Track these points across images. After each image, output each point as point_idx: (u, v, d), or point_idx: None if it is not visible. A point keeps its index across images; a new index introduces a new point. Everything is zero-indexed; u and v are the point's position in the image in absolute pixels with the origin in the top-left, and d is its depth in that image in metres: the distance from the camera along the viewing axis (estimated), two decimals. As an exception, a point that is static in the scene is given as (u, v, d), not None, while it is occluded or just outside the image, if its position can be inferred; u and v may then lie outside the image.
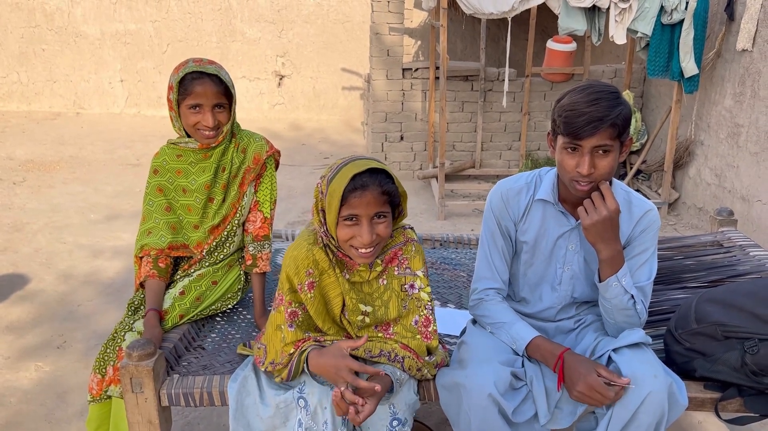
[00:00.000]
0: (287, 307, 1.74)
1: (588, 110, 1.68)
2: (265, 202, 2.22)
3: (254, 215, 2.22)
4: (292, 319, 1.74)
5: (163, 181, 2.20)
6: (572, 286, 1.97)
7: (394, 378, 1.70)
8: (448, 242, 3.10)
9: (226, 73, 2.10)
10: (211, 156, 2.17)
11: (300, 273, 1.71)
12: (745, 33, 4.52)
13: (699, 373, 1.86)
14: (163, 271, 2.18)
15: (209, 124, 2.07)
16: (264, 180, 2.23)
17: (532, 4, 4.81)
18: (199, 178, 2.17)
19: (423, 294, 1.81)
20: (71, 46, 9.72)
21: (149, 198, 2.21)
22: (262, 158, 2.19)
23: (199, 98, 2.04)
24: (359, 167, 1.60)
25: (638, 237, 1.90)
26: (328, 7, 9.32)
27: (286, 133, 8.74)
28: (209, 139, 2.12)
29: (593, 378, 1.65)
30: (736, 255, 2.75)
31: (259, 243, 2.20)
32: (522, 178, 1.99)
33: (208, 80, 2.04)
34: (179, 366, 1.97)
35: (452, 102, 6.33)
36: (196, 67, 2.04)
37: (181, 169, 2.18)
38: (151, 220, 2.20)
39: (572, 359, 1.72)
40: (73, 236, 4.84)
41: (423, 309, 1.81)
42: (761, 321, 1.77)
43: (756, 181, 4.42)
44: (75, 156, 7.31)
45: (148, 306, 2.07)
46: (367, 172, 1.61)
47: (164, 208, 2.21)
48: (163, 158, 2.20)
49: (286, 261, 1.73)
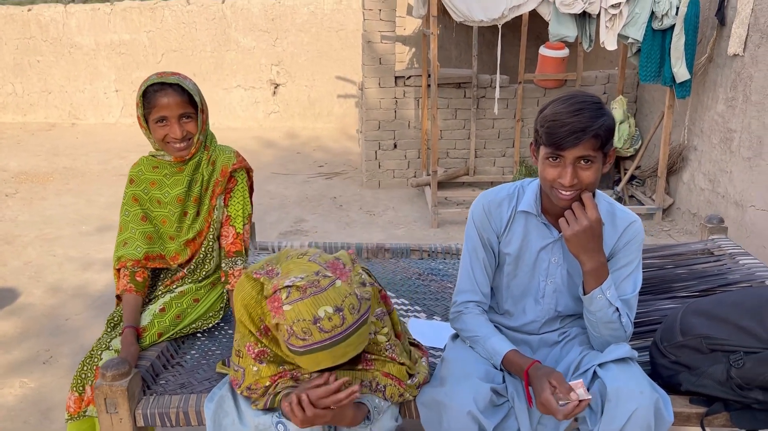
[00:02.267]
0: (252, 348, 1.68)
1: (570, 120, 1.66)
2: (237, 216, 2.18)
3: (226, 230, 2.18)
4: (261, 357, 1.68)
5: (138, 190, 2.18)
6: (555, 299, 1.94)
7: (371, 407, 1.66)
8: (436, 253, 3.07)
9: (190, 83, 2.07)
10: (185, 169, 2.14)
11: (254, 321, 1.64)
12: (736, 38, 4.50)
13: (684, 387, 1.83)
14: (141, 285, 2.15)
15: (177, 135, 2.04)
16: (235, 194, 2.19)
17: (522, 11, 4.80)
18: (173, 190, 2.15)
19: (380, 337, 1.74)
20: (66, 56, 9.72)
21: (125, 208, 2.20)
22: (228, 171, 2.16)
23: (164, 110, 2.02)
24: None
25: (622, 250, 1.87)
26: (322, 16, 9.32)
27: (281, 142, 8.73)
28: (181, 151, 2.09)
29: (545, 396, 1.62)
30: (726, 264, 2.72)
31: (230, 259, 2.17)
32: (504, 190, 1.96)
33: (171, 90, 2.01)
34: (156, 385, 1.94)
35: (445, 109, 6.31)
36: (157, 79, 2.02)
37: (155, 181, 2.16)
38: (128, 230, 2.18)
39: (534, 374, 1.70)
40: (64, 248, 4.81)
41: (384, 351, 1.75)
42: (746, 333, 1.74)
43: (749, 186, 4.39)
44: (69, 167, 7.29)
45: (125, 323, 2.04)
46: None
47: (140, 218, 2.19)
48: (140, 168, 2.19)
49: (237, 307, 1.66)
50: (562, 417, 1.60)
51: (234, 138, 8.82)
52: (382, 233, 5.21)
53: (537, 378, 1.67)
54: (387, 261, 3.02)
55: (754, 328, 1.73)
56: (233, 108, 9.74)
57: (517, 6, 4.74)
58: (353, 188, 6.52)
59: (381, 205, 5.98)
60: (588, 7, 4.65)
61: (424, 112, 6.15)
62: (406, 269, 2.93)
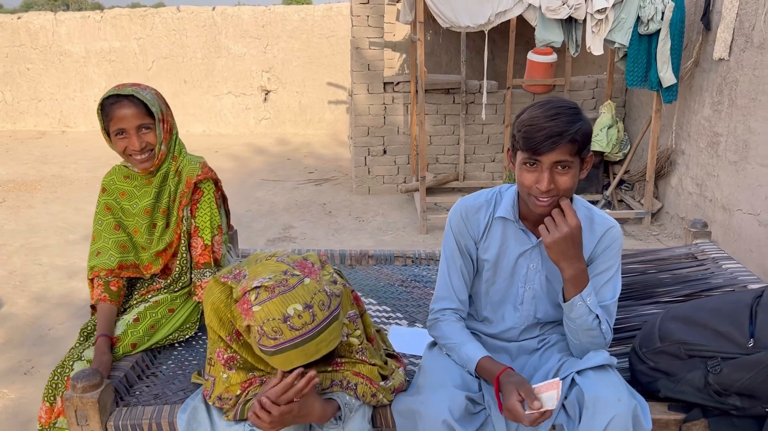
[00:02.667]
0: (222, 354, 1.66)
1: (547, 125, 1.64)
2: (205, 228, 2.16)
3: (195, 241, 2.16)
4: (230, 364, 1.67)
5: (110, 200, 2.17)
6: (534, 306, 1.92)
7: (341, 403, 1.64)
8: (420, 259, 3.05)
9: (148, 93, 2.05)
10: (153, 180, 2.13)
11: (225, 325, 1.63)
12: (722, 42, 4.51)
13: (663, 394, 1.81)
14: (115, 295, 2.13)
15: (136, 147, 2.03)
16: (201, 205, 2.16)
17: (508, 16, 4.80)
18: (141, 202, 2.14)
19: (353, 339, 1.73)
20: (56, 64, 9.71)
21: (98, 217, 2.18)
22: (192, 181, 2.14)
23: (121, 122, 2.00)
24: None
25: (601, 255, 1.85)
26: (313, 22, 9.33)
27: (272, 148, 8.71)
28: (143, 162, 2.07)
29: (511, 403, 1.60)
30: (709, 268, 2.71)
31: (199, 270, 2.14)
32: (482, 195, 1.94)
33: (126, 102, 1.99)
34: (129, 396, 1.91)
35: (434, 115, 6.30)
36: (113, 92, 2.00)
37: (126, 191, 2.15)
38: (101, 240, 2.17)
39: (504, 381, 1.68)
40: (50, 257, 4.77)
41: (355, 353, 1.74)
42: (724, 338, 1.72)
43: (736, 190, 4.39)
44: (57, 175, 7.26)
45: (99, 331, 2.01)
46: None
47: (113, 227, 2.17)
48: (112, 177, 2.18)
49: (207, 312, 1.64)
50: (528, 424, 1.58)
51: (225, 144, 8.81)
52: (370, 239, 5.19)
53: (506, 384, 1.66)
54: (370, 268, 3.00)
55: (731, 334, 1.71)
56: (224, 115, 9.72)
57: (503, 12, 4.75)
58: (343, 194, 6.50)
59: (370, 211, 5.97)
60: (574, 12, 4.65)
61: (413, 118, 6.15)
62: (389, 276, 2.91)
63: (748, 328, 1.70)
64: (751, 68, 4.21)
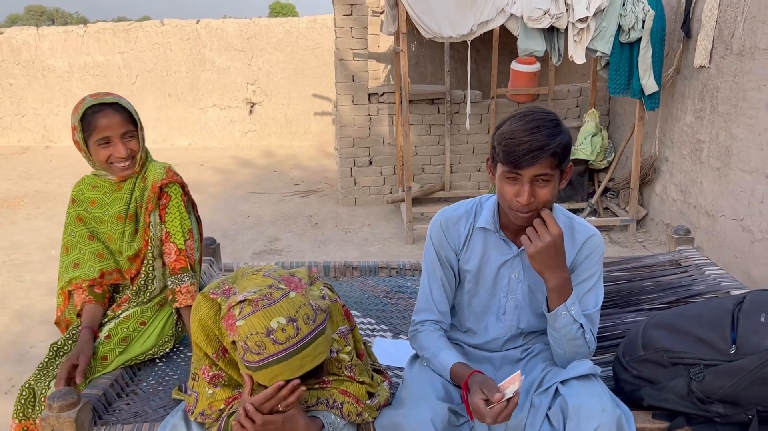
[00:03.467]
0: (207, 371, 1.64)
1: (528, 139, 1.63)
2: (176, 233, 2.13)
3: (168, 247, 2.14)
4: (216, 381, 1.65)
5: (81, 210, 2.15)
6: (517, 316, 1.91)
7: (326, 422, 1.62)
8: (405, 270, 3.04)
9: (126, 101, 2.06)
10: (123, 186, 2.12)
11: (212, 342, 1.61)
12: (702, 50, 4.56)
13: (647, 402, 1.80)
14: (100, 296, 2.13)
15: (122, 154, 2.01)
16: (170, 210, 2.15)
17: (490, 26, 4.82)
18: (112, 208, 2.13)
19: (342, 356, 1.71)
20: (39, 79, 9.65)
21: (70, 228, 2.15)
22: (157, 186, 2.12)
23: (105, 131, 1.99)
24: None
25: (582, 264, 1.84)
26: (297, 34, 9.34)
27: (257, 161, 8.69)
28: (126, 170, 2.07)
29: (474, 401, 1.58)
30: (692, 275, 2.71)
31: (176, 276, 2.12)
32: (462, 206, 1.93)
33: (110, 110, 1.99)
34: (108, 415, 1.88)
35: (419, 125, 6.31)
36: (94, 101, 1.99)
37: (95, 200, 2.13)
38: (76, 251, 2.14)
39: (471, 382, 1.66)
40: (32, 274, 4.72)
41: (344, 370, 1.72)
42: (706, 346, 1.72)
43: (719, 197, 4.42)
44: (41, 190, 7.19)
45: (84, 324, 2.01)
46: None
47: (87, 238, 2.15)
48: (80, 188, 2.17)
49: (194, 328, 1.62)
50: (491, 421, 1.55)
51: (210, 158, 8.77)
52: (356, 251, 5.17)
53: (471, 385, 1.64)
54: (355, 280, 2.98)
55: (713, 340, 1.71)
56: (209, 128, 9.69)
57: (485, 22, 4.77)
58: (329, 206, 6.49)
59: (357, 222, 5.95)
60: (555, 21, 4.68)
61: (398, 129, 6.15)
62: (374, 287, 2.89)
63: (730, 335, 1.70)
64: (732, 75, 4.25)
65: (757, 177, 3.97)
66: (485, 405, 1.56)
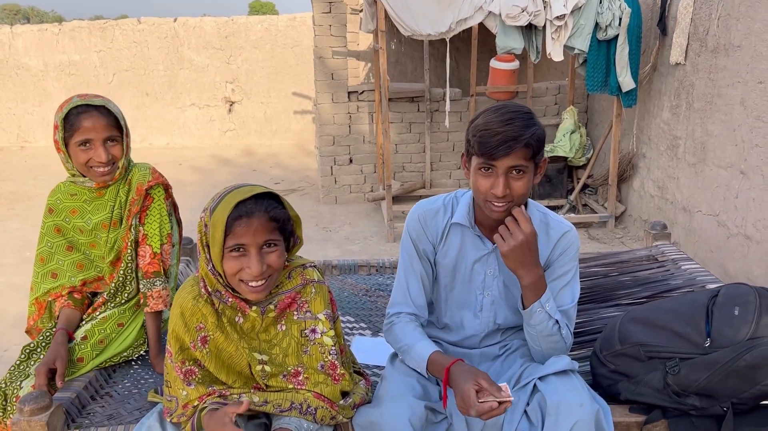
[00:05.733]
0: (180, 367, 1.62)
1: (502, 130, 1.64)
2: (154, 235, 2.10)
3: (143, 250, 2.10)
4: (189, 378, 1.63)
5: (59, 220, 2.09)
6: (494, 312, 1.91)
7: None
8: (384, 268, 3.03)
9: (114, 106, 2.01)
10: (105, 194, 2.06)
11: (191, 330, 1.59)
12: (677, 47, 4.60)
13: (624, 396, 1.82)
14: (79, 302, 2.10)
15: (102, 159, 1.96)
16: (151, 212, 2.11)
17: (468, 24, 4.83)
18: (95, 216, 2.07)
19: (326, 338, 1.69)
20: (13, 78, 9.50)
21: (46, 239, 2.10)
22: (143, 188, 2.09)
23: (88, 133, 1.93)
24: (243, 194, 1.50)
25: (558, 260, 1.85)
26: (276, 32, 9.29)
27: (237, 159, 8.63)
28: (104, 175, 2.00)
29: (467, 388, 1.54)
30: (669, 270, 2.74)
31: (149, 280, 2.08)
32: (439, 200, 1.93)
33: (96, 113, 1.93)
34: (81, 417, 1.84)
35: (399, 123, 6.31)
36: (81, 101, 1.94)
37: (76, 208, 2.07)
38: (53, 262, 2.09)
39: (457, 370, 1.63)
40: (6, 276, 4.64)
41: (327, 354, 1.69)
42: (682, 339, 1.73)
43: (695, 192, 4.47)
44: (15, 191, 7.08)
45: (59, 326, 1.98)
46: (252, 198, 1.51)
47: (65, 248, 2.10)
48: (57, 196, 2.09)
49: (173, 317, 1.61)
50: (476, 414, 1.53)
51: (189, 157, 8.70)
52: (337, 249, 5.16)
53: (459, 373, 1.61)
54: (334, 278, 2.97)
55: (688, 334, 1.72)
56: (188, 127, 9.61)
57: (463, 19, 4.77)
58: (310, 204, 6.46)
59: (337, 220, 5.93)
60: (533, 19, 4.70)
61: (379, 127, 6.14)
62: (353, 286, 2.88)
63: (705, 328, 1.71)
64: (707, 72, 4.29)
65: (732, 172, 4.02)
66: (476, 395, 1.54)
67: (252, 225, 1.49)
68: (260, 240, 1.52)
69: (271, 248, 1.55)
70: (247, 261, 1.51)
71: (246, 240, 1.50)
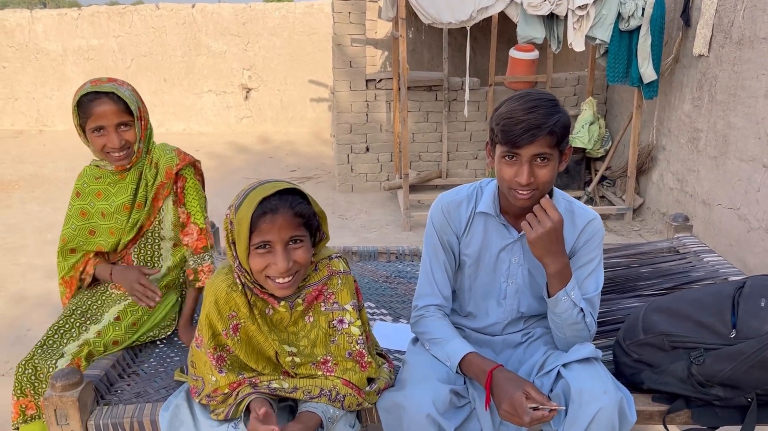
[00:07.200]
0: (212, 353, 1.64)
1: (526, 118, 1.64)
2: (197, 212, 2.15)
3: (190, 228, 2.15)
4: (220, 365, 1.65)
5: (85, 204, 2.12)
6: (518, 300, 1.92)
7: (325, 418, 1.62)
8: (404, 255, 3.04)
9: (126, 90, 2.02)
10: (127, 176, 2.09)
11: (224, 318, 1.61)
12: (701, 38, 4.55)
13: (647, 385, 1.82)
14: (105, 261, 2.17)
15: (115, 144, 1.98)
16: (188, 191, 2.15)
17: (490, 13, 4.80)
18: (118, 199, 2.10)
19: (354, 329, 1.71)
20: (33, 62, 9.56)
21: (72, 221, 2.14)
22: (173, 172, 2.12)
23: (100, 119, 1.96)
24: (267, 190, 1.51)
25: (582, 248, 1.85)
26: (294, 20, 9.28)
27: (253, 147, 8.66)
28: (121, 160, 2.04)
29: (518, 396, 1.59)
30: (690, 262, 2.73)
31: (198, 256, 2.14)
32: (463, 190, 1.94)
33: (106, 99, 1.95)
34: (110, 395, 1.88)
35: (417, 112, 6.30)
36: (91, 88, 1.96)
37: (100, 191, 2.11)
38: (74, 243, 2.14)
39: (501, 376, 1.66)
40: (28, 257, 4.70)
41: (355, 344, 1.71)
42: (707, 330, 1.73)
43: (716, 185, 4.44)
44: (35, 174, 7.15)
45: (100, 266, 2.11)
46: (276, 195, 1.51)
47: (87, 232, 2.15)
48: (84, 180, 2.14)
49: (206, 303, 1.63)
50: (529, 421, 1.57)
51: (205, 143, 8.74)
52: (354, 237, 5.17)
53: (505, 380, 1.64)
54: (354, 265, 2.98)
55: (713, 324, 1.72)
56: (204, 113, 9.64)
57: (485, 8, 4.75)
58: (326, 192, 6.47)
59: (353, 208, 5.95)
60: (555, 8, 4.67)
61: (396, 115, 6.13)
62: (373, 272, 2.90)
63: (731, 319, 1.71)
64: (731, 64, 4.25)
65: (754, 166, 3.99)
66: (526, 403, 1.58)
67: (277, 221, 1.50)
68: (285, 236, 1.52)
69: (296, 244, 1.55)
70: (273, 257, 1.52)
71: (271, 237, 1.51)
